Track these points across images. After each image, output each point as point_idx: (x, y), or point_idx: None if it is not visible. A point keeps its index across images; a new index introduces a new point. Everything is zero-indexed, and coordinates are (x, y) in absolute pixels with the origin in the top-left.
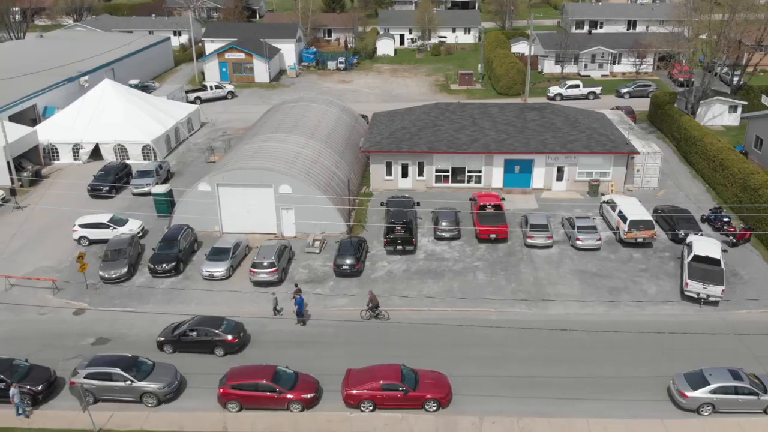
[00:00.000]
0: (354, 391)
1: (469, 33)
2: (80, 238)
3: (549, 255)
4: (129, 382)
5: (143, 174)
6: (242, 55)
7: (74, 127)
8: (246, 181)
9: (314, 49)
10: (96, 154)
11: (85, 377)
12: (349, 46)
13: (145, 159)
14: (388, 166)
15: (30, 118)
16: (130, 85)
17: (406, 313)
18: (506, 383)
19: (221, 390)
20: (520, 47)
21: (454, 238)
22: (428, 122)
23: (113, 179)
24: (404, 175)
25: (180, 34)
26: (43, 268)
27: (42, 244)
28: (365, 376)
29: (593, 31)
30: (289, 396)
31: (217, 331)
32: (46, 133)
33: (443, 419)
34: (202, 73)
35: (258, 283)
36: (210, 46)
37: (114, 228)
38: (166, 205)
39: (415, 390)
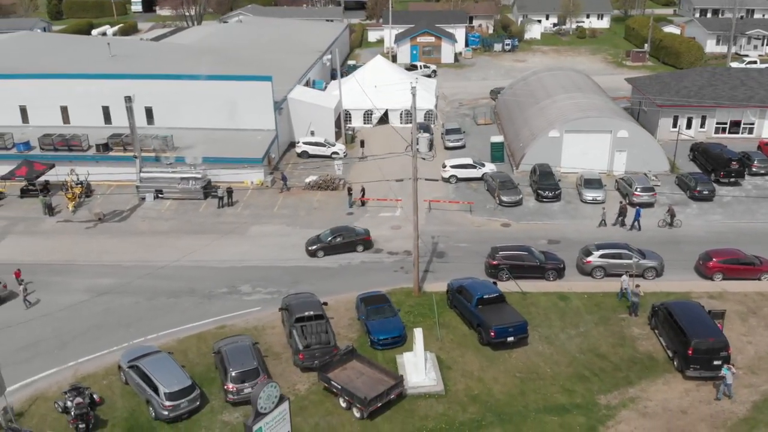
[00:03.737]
0: None
1: (602, 18)
2: (450, 176)
3: None
4: (636, 259)
5: (452, 131)
6: (432, 39)
7: (363, 95)
8: (589, 128)
9: (478, 34)
10: (382, 118)
11: (599, 257)
12: (490, 31)
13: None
14: (675, 119)
15: None
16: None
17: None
18: None
19: (710, 264)
20: (669, 29)
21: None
22: (704, 83)
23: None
24: (687, 126)
25: (332, 22)
26: (438, 198)
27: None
28: None
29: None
30: (763, 268)
31: (357, 233)
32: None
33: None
34: (394, 57)
35: (640, 204)
36: (389, 32)
37: (478, 168)
38: (501, 152)
39: None
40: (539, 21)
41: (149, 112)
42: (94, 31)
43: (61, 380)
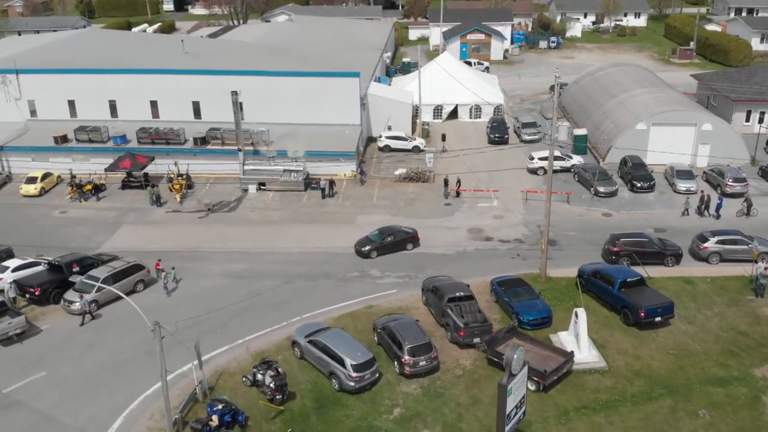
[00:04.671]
0: None
1: (638, 17)
2: (539, 168)
3: None
4: (751, 245)
5: (528, 125)
6: (482, 36)
7: (432, 90)
8: (674, 121)
9: (523, 31)
10: (452, 113)
11: (715, 243)
12: (529, 29)
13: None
14: (748, 113)
15: None
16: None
17: None
18: None
19: None
20: (710, 28)
21: None
22: None
23: (504, 129)
24: (760, 121)
25: (374, 20)
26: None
27: (501, 174)
28: None
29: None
30: None
31: (406, 231)
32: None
33: None
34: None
35: (732, 194)
36: (435, 30)
37: (567, 159)
38: (584, 145)
39: None
40: (577, 19)
41: (239, 107)
42: (134, 29)
43: (238, 356)
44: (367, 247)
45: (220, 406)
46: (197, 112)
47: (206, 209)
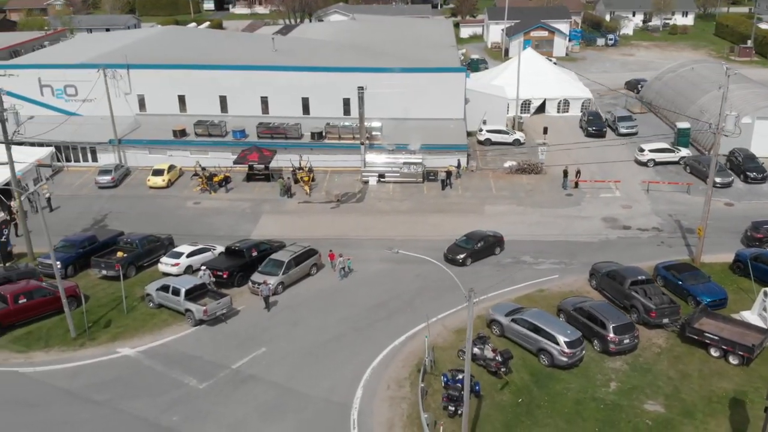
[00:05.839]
0: None
1: (686, 16)
2: (648, 160)
3: None
4: None
5: (624, 119)
6: (546, 33)
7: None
8: None
9: (580, 29)
10: (539, 108)
11: None
12: (579, 26)
13: (581, 111)
14: None
15: None
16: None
17: None
18: None
19: None
20: (762, 26)
21: None
22: None
23: (601, 122)
24: None
25: (430, 18)
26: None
27: (611, 166)
28: None
29: None
30: None
31: (493, 235)
32: None
33: None
34: (506, 50)
35: None
36: (493, 28)
37: (676, 152)
38: (686, 138)
39: None
40: (627, 17)
41: (347, 103)
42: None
43: (440, 332)
44: (462, 255)
45: (460, 376)
46: (306, 108)
47: (336, 200)
